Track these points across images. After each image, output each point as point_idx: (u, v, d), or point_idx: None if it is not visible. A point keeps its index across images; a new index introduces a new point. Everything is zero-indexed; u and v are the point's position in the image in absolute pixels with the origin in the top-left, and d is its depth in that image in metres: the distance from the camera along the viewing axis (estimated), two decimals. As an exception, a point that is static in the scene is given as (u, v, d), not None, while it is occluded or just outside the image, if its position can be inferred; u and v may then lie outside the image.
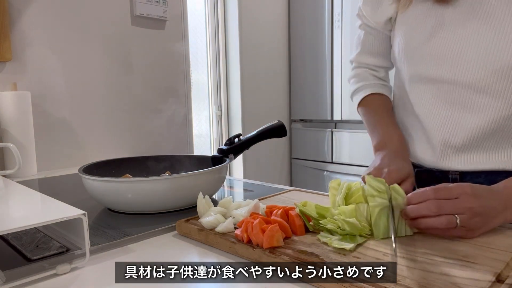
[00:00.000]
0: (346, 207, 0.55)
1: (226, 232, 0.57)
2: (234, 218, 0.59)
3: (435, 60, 0.69)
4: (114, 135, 1.45)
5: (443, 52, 0.68)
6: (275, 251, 0.50)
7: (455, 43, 0.67)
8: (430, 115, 0.72)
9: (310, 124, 2.49)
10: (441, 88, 0.70)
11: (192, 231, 0.60)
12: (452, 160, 0.72)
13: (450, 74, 0.68)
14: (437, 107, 0.71)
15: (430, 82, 0.71)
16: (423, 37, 0.71)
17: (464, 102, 0.68)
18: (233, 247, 0.53)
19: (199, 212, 0.64)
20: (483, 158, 0.69)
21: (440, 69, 0.69)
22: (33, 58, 1.24)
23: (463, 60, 0.66)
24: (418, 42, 0.72)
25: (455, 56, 0.67)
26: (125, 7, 1.47)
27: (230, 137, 0.89)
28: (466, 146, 0.69)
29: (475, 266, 0.45)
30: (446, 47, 0.68)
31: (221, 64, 2.30)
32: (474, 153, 0.70)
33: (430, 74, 0.71)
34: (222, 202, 0.65)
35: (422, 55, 0.71)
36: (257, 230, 0.51)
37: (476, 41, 0.65)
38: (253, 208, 0.61)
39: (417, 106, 0.75)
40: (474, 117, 0.67)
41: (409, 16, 0.74)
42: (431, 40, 0.70)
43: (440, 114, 0.71)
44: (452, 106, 0.69)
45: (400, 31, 0.76)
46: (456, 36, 0.67)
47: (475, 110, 0.67)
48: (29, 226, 0.47)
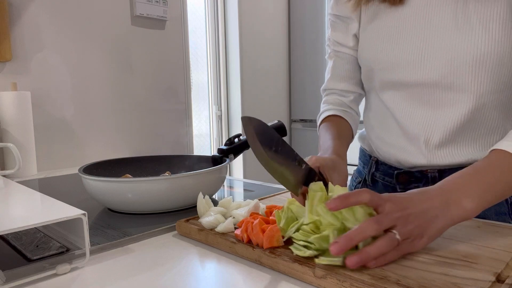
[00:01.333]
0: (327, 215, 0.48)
1: (226, 232, 0.57)
2: (234, 218, 0.59)
3: (401, 65, 0.72)
4: (114, 135, 1.45)
5: (406, 56, 0.71)
6: (275, 251, 0.50)
7: (415, 46, 0.70)
8: (408, 117, 0.74)
9: (310, 124, 2.49)
10: (412, 91, 0.72)
11: (192, 231, 0.60)
12: (434, 157, 0.73)
13: (416, 76, 0.70)
14: (412, 109, 0.73)
15: (401, 86, 0.73)
16: (386, 45, 0.73)
17: (435, 100, 0.70)
18: (233, 247, 0.53)
19: (199, 212, 0.64)
20: (460, 151, 0.71)
21: (407, 72, 0.71)
22: (33, 58, 1.24)
23: (426, 60, 0.69)
24: (381, 50, 0.74)
25: (418, 58, 0.70)
26: (125, 7, 1.47)
27: (230, 137, 0.89)
28: (444, 141, 0.71)
29: (475, 266, 0.45)
30: (408, 50, 0.70)
31: (221, 64, 2.30)
32: (452, 147, 0.71)
33: (399, 78, 0.73)
34: (222, 202, 0.65)
35: (388, 62, 0.73)
36: (257, 230, 0.51)
37: (435, 41, 0.68)
38: (253, 208, 0.61)
39: (395, 111, 0.76)
40: (446, 113, 0.70)
41: (370, 26, 0.77)
42: (394, 46, 0.72)
43: (417, 115, 0.73)
44: (425, 106, 0.72)
45: (364, 44, 0.79)
46: (414, 39, 0.70)
47: (446, 107, 0.70)
48: (29, 226, 0.47)
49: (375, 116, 0.84)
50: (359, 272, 0.43)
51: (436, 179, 0.74)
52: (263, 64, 2.40)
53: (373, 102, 0.84)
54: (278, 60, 2.50)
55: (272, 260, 0.48)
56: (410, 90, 0.73)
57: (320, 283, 0.43)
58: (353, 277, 0.42)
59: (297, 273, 0.46)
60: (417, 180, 0.77)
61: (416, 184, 0.77)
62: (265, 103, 2.44)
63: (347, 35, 0.82)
